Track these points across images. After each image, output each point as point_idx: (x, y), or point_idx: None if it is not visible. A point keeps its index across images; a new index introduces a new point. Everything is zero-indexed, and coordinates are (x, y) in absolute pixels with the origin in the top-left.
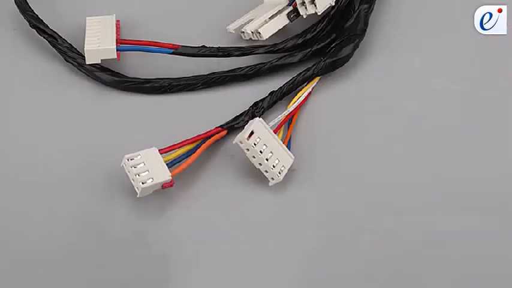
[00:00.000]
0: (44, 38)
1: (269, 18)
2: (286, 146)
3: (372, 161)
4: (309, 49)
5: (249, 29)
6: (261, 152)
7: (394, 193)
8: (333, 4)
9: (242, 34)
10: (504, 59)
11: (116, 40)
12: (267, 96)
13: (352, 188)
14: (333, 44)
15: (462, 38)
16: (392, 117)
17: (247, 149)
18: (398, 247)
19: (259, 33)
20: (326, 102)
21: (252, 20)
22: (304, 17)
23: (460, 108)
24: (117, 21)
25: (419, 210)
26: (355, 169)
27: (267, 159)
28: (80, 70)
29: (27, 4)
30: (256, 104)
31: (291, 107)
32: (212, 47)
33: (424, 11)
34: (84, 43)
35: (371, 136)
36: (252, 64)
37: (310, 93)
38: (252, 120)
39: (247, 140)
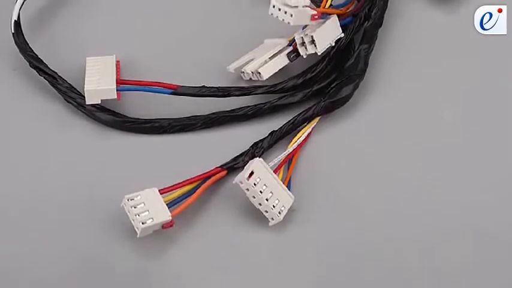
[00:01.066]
0: (44, 78)
1: (269, 58)
2: (286, 186)
3: (372, 201)
4: (309, 89)
5: (249, 69)
6: (261, 192)
7: (394, 232)
8: (333, 44)
9: (242, 74)
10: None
11: (116, 80)
12: (267, 136)
13: (352, 229)
14: (333, 84)
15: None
16: (392, 157)
17: (247, 189)
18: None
19: (259, 73)
20: (326, 142)
21: (252, 60)
22: (304, 57)
23: (460, 140)
24: (117, 61)
25: (420, 245)
26: (356, 210)
27: (267, 199)
28: (80, 110)
29: (27, 44)
30: (256, 144)
31: (291, 147)
32: (212, 87)
33: (424, 47)
34: (84, 83)
35: (371, 176)
36: (252, 104)
37: (310, 133)
38: (252, 161)
39: (247, 180)
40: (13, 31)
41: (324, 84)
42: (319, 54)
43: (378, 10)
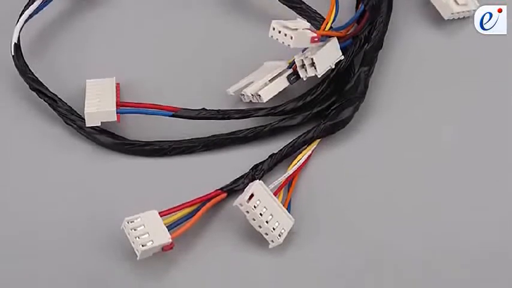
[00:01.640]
0: (44, 100)
1: (269, 80)
2: (286, 209)
3: (372, 224)
4: (309, 112)
5: (249, 91)
6: (261, 214)
7: (395, 255)
8: (333, 67)
9: (242, 96)
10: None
11: (116, 103)
12: (267, 159)
13: (352, 251)
14: (333, 107)
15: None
16: (392, 179)
17: (247, 212)
18: None
19: (259, 95)
20: (326, 164)
21: (252, 82)
22: (304, 79)
23: (460, 162)
24: (117, 83)
25: (421, 268)
26: (356, 232)
27: (267, 222)
28: (80, 132)
29: (28, 67)
30: (256, 166)
31: (291, 170)
32: (212, 110)
33: (424, 69)
34: (84, 105)
35: (371, 199)
36: (252, 126)
37: (310, 155)
38: (252, 183)
39: (247, 202)
40: (13, 53)
41: (324, 107)
42: (319, 76)
43: (377, 33)
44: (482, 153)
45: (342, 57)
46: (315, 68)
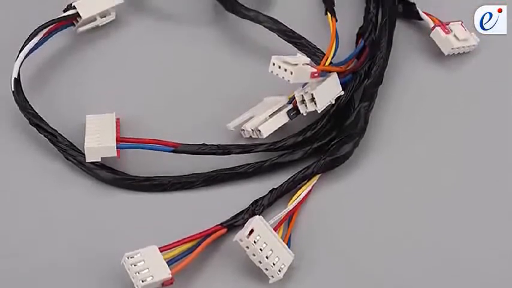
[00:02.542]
0: (44, 136)
1: (269, 116)
2: (287, 244)
3: (372, 260)
4: (309, 147)
5: (249, 126)
6: (261, 249)
7: None
8: (333, 102)
9: (242, 132)
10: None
11: (116, 138)
12: (267, 194)
13: (352, 287)
14: (333, 142)
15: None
16: (393, 215)
17: (247, 247)
18: None
19: (259, 131)
20: (326, 200)
21: (252, 117)
22: (304, 115)
23: (461, 199)
24: (117, 118)
25: None
26: (356, 268)
27: (267, 257)
28: (80, 168)
29: (27, 102)
30: (256, 201)
31: (291, 205)
32: (212, 145)
33: (424, 105)
34: (84, 141)
35: (372, 235)
36: (252, 162)
37: (310, 191)
38: (252, 218)
39: (247, 238)
40: (13, 89)
41: (324, 142)
42: (319, 112)
43: (377, 68)
44: (483, 190)
45: (342, 92)
46: (315, 103)
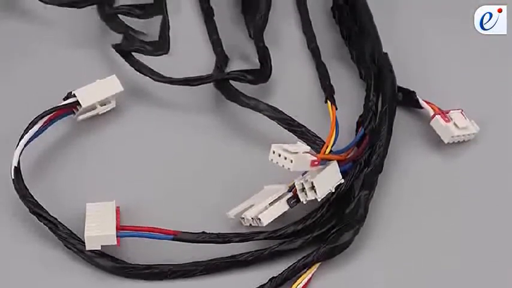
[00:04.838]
0: (44, 224)
1: (269, 204)
2: None
3: None
4: (309, 235)
5: (249, 215)
6: None
7: None
8: (333, 190)
9: (242, 220)
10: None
11: (116, 226)
12: (266, 283)
13: None
14: (333, 230)
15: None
16: None
17: None
18: None
19: (259, 219)
20: None
21: (252, 206)
22: (304, 203)
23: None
24: (117, 207)
25: None
26: None
27: None
28: (80, 256)
29: (27, 190)
30: None
31: None
32: (212, 233)
33: (424, 194)
34: (84, 229)
35: None
36: (252, 250)
37: (310, 279)
38: None
39: None
40: (13, 177)
41: (323, 230)
42: (319, 200)
43: (377, 156)
44: (483, 278)
45: (342, 180)
46: (315, 192)
